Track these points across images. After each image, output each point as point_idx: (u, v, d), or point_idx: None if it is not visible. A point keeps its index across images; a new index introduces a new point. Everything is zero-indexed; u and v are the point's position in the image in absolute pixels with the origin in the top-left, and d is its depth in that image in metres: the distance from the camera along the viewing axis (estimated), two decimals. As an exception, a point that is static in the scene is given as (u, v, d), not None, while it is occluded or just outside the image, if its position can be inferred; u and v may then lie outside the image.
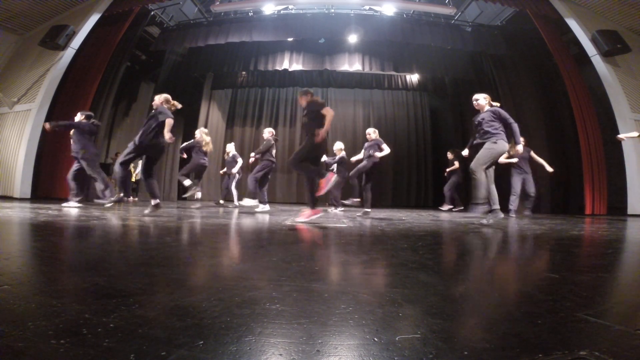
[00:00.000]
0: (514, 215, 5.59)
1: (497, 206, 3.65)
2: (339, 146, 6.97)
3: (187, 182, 5.55)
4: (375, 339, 0.71)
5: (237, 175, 7.17)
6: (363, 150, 5.42)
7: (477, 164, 3.61)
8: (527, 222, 4.39)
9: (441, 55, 8.73)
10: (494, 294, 1.13)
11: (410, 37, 7.94)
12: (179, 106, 4.19)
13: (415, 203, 10.58)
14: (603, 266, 1.69)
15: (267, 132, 5.79)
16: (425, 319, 0.83)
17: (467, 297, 1.04)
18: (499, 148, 3.61)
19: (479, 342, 0.70)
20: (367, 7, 8.13)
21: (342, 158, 6.85)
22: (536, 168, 6.12)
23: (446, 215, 5.77)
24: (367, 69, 9.07)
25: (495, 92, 8.40)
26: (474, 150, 3.87)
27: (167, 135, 3.76)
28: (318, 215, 3.49)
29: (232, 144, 7.57)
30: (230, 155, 7.10)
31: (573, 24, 6.58)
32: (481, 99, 3.98)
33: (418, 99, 11.30)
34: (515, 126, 3.65)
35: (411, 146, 10.94)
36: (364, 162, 5.22)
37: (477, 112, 4.04)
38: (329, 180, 3.35)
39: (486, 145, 3.64)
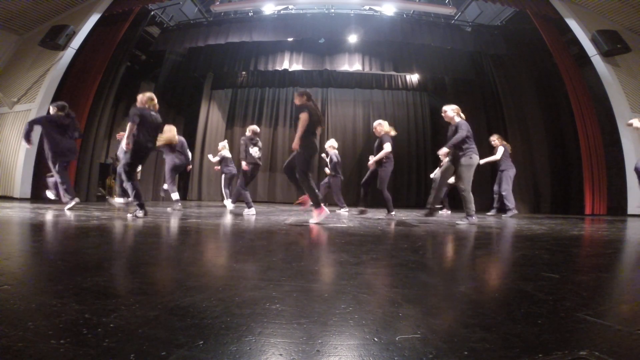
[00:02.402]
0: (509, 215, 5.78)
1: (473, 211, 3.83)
2: (330, 143, 6.66)
3: (174, 196, 5.37)
4: (375, 339, 0.71)
5: (224, 174, 7.03)
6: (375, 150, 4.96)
7: (464, 183, 3.76)
8: (525, 222, 4.39)
9: (441, 55, 8.73)
10: (494, 294, 1.13)
11: (410, 37, 7.94)
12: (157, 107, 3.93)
13: (415, 203, 10.58)
14: (603, 266, 1.69)
15: (248, 131, 5.35)
16: (425, 319, 0.83)
17: (467, 297, 1.04)
18: (473, 162, 3.78)
19: (479, 342, 0.70)
20: (367, 7, 8.13)
21: (336, 162, 6.62)
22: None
23: (446, 216, 5.77)
24: (367, 69, 9.06)
25: (495, 92, 8.41)
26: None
27: (123, 142, 3.57)
28: (326, 213, 3.48)
29: (225, 141, 7.36)
30: (220, 154, 6.91)
31: (573, 24, 6.58)
32: (449, 111, 4.05)
33: (418, 99, 11.29)
34: (458, 136, 3.74)
35: (411, 146, 10.94)
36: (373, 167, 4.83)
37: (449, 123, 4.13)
38: (322, 214, 3.41)
39: (462, 162, 3.77)
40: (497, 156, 6.05)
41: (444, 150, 3.85)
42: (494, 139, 6.27)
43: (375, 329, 0.76)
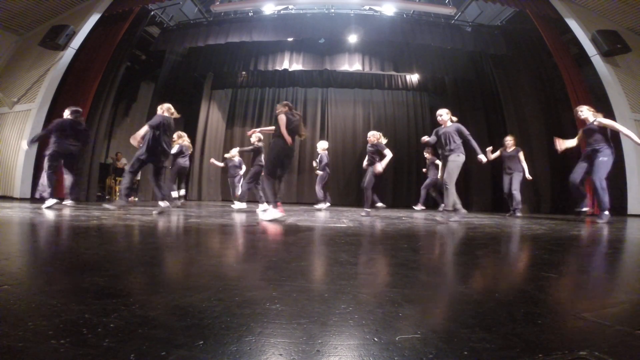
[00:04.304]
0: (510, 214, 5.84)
1: (459, 205, 4.15)
2: (322, 146, 6.96)
3: (174, 194, 6.10)
4: (375, 339, 0.71)
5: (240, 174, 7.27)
6: (367, 155, 5.43)
7: (450, 178, 4.09)
8: (525, 222, 4.39)
9: (441, 55, 8.73)
10: (494, 294, 1.13)
11: (410, 37, 7.94)
12: (178, 115, 4.52)
13: (415, 203, 10.58)
14: (603, 266, 1.69)
15: (254, 137, 5.90)
16: (425, 319, 0.83)
17: (467, 297, 1.04)
18: (461, 160, 4.16)
19: (479, 342, 0.70)
20: (367, 7, 8.13)
21: (325, 163, 6.97)
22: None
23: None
24: (367, 69, 9.06)
25: (495, 92, 8.40)
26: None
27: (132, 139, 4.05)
28: (282, 213, 3.72)
29: (235, 149, 7.62)
30: (237, 160, 7.19)
31: (573, 24, 6.57)
32: (444, 115, 4.39)
33: (418, 99, 11.29)
34: (474, 142, 4.21)
35: (411, 146, 10.94)
36: (368, 173, 5.27)
37: (439, 124, 4.47)
38: (274, 213, 3.59)
39: (451, 159, 4.14)
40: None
41: (482, 158, 4.16)
42: (511, 140, 6.11)
43: (375, 329, 0.76)
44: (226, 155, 7.37)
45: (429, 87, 10.94)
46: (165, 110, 4.35)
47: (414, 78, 10.90)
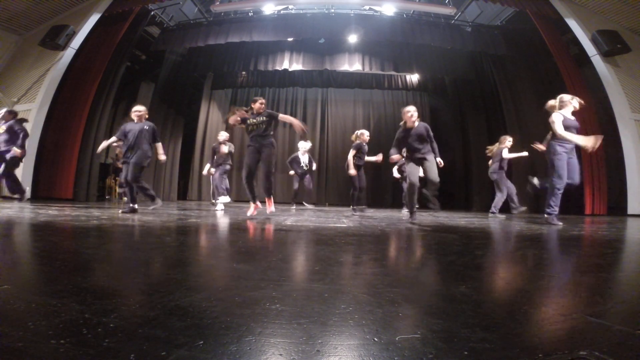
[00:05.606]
0: (515, 213, 5.90)
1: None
2: (306, 147, 6.91)
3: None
4: (375, 339, 0.71)
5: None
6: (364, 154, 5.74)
7: (437, 176, 3.88)
8: (526, 222, 4.39)
9: (441, 55, 8.73)
10: (494, 294, 1.13)
11: (410, 37, 7.94)
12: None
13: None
14: (603, 266, 1.69)
15: (221, 137, 6.31)
16: (425, 319, 0.83)
17: (467, 297, 1.04)
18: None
19: (479, 342, 0.70)
20: (367, 7, 8.14)
21: (310, 162, 7.05)
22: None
23: (443, 216, 5.77)
24: (367, 69, 9.07)
25: (495, 92, 8.40)
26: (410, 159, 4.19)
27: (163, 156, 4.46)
28: (258, 209, 4.29)
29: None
30: (227, 150, 6.52)
31: (573, 24, 6.58)
32: (415, 113, 4.16)
33: (418, 99, 11.28)
34: (435, 144, 4.11)
35: (411, 146, 10.94)
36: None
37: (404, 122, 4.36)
38: (257, 210, 4.28)
39: (430, 159, 3.92)
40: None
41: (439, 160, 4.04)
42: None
43: (375, 329, 0.76)
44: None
45: (429, 87, 10.94)
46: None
47: (414, 78, 10.90)
